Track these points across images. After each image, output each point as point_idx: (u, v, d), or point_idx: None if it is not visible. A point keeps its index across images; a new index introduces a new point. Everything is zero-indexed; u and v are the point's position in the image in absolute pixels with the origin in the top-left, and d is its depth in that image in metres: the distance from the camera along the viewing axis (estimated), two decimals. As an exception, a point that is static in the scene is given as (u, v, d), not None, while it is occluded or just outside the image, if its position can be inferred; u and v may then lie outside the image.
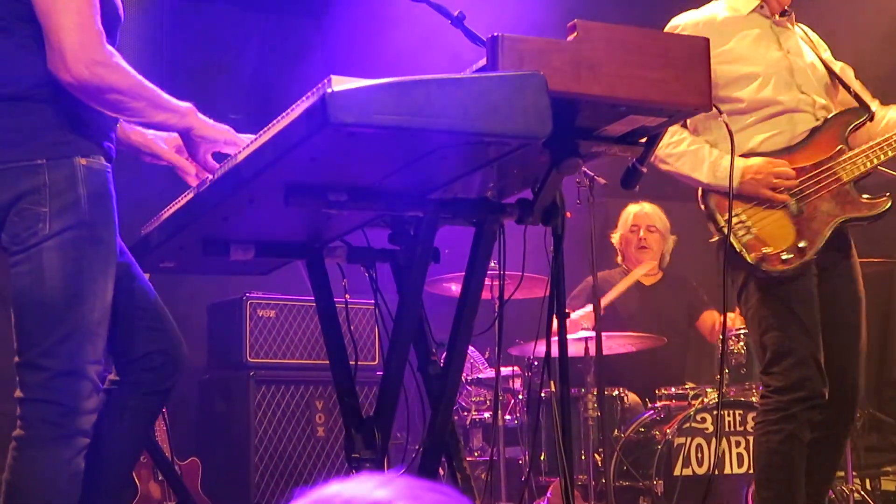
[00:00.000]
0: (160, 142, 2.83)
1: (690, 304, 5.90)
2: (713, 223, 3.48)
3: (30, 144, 2.37)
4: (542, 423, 5.19)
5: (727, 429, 4.71)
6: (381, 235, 2.65)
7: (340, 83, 1.81)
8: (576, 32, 2.03)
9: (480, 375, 5.78)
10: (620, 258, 6.12)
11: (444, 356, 2.57)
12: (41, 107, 2.39)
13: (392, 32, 6.56)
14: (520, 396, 5.52)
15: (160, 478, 5.07)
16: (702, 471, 4.69)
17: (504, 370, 5.65)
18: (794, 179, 3.38)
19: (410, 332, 2.54)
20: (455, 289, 5.33)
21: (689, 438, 4.69)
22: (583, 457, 5.01)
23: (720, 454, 4.66)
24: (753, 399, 4.71)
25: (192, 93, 2.65)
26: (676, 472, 4.69)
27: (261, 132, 2.14)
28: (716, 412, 4.68)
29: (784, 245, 3.34)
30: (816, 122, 3.50)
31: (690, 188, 3.64)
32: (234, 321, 5.54)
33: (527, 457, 5.28)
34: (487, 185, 2.36)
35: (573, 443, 5.08)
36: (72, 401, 2.37)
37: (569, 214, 2.49)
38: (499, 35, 1.98)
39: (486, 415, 5.58)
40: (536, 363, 5.30)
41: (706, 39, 2.19)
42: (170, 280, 5.39)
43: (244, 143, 2.38)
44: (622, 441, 4.94)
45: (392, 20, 6.46)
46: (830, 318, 3.42)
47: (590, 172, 4.62)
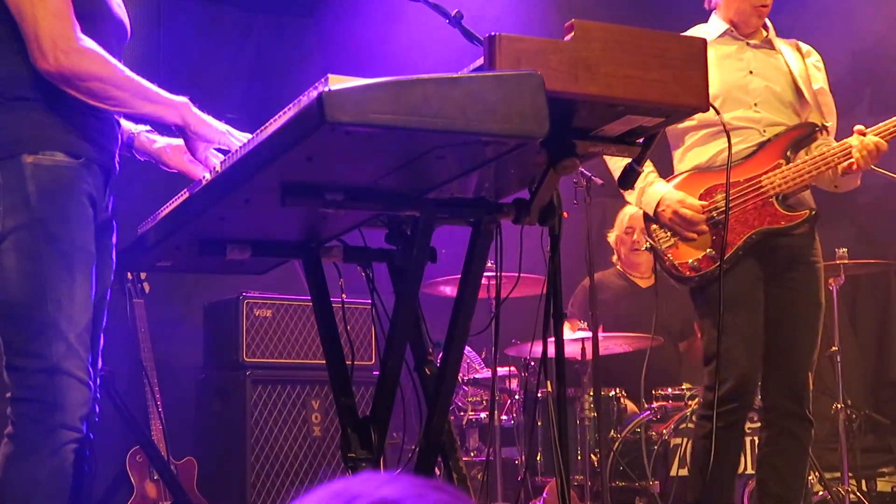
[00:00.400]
0: (168, 149, 2.84)
1: (684, 321, 5.88)
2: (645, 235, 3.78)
3: None
4: (539, 424, 5.20)
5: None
6: (378, 235, 2.64)
7: (337, 82, 1.81)
8: (573, 32, 2.03)
9: (477, 375, 5.78)
10: (616, 258, 6.12)
11: (441, 356, 2.56)
12: None
13: (389, 32, 6.57)
14: (516, 397, 5.52)
15: (156, 477, 5.07)
16: (698, 471, 4.68)
17: (500, 370, 5.66)
18: (697, 225, 3.59)
19: (407, 332, 2.54)
20: (449, 291, 5.34)
21: (686, 439, 4.69)
22: (579, 457, 5.01)
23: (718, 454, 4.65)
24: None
25: (189, 92, 2.65)
26: (672, 473, 4.69)
27: (257, 131, 2.14)
28: (712, 412, 4.67)
29: (698, 254, 3.59)
30: (763, 136, 3.66)
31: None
32: (231, 321, 5.54)
33: (523, 457, 5.28)
34: (484, 185, 2.35)
35: (569, 443, 5.11)
36: (49, 397, 2.38)
37: (566, 214, 2.49)
38: (496, 35, 1.97)
39: (483, 415, 5.58)
40: (533, 363, 5.30)
41: (703, 40, 2.18)
42: (166, 279, 5.42)
43: (241, 143, 2.38)
44: (618, 441, 4.94)
45: (389, 19, 6.47)
46: (780, 321, 3.60)
47: (587, 172, 4.63)
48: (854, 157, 3.54)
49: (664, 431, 4.71)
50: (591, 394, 4.95)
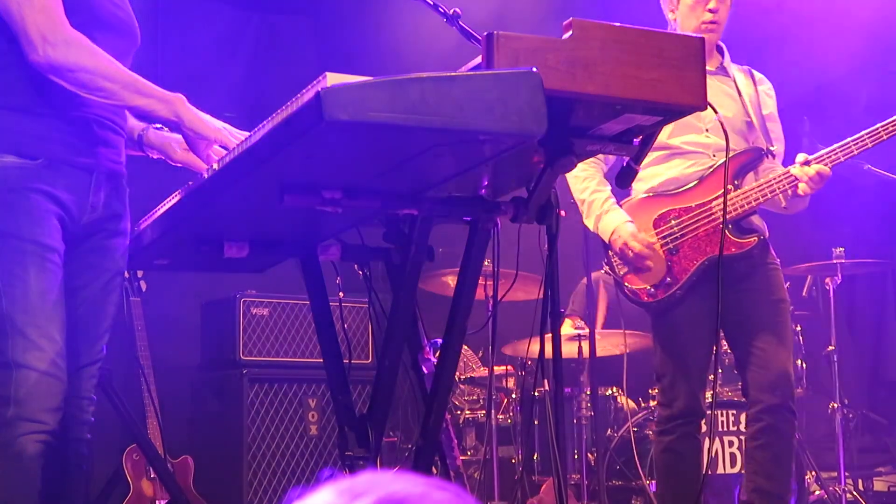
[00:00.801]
0: (174, 143, 2.85)
1: None
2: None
3: None
4: (536, 422, 5.20)
5: (720, 429, 4.71)
6: (376, 233, 2.64)
7: (335, 80, 1.81)
8: (571, 31, 2.03)
9: (474, 374, 5.78)
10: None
11: (438, 355, 2.56)
12: None
13: (387, 30, 6.56)
14: (513, 396, 5.52)
15: (153, 475, 5.07)
16: (695, 470, 4.68)
17: (497, 369, 5.66)
18: (646, 260, 3.70)
19: (404, 331, 2.54)
20: (451, 283, 5.33)
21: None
22: (576, 456, 5.02)
23: (713, 454, 4.66)
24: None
25: (187, 91, 2.64)
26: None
27: (256, 129, 2.13)
28: (709, 412, 4.68)
29: (654, 280, 3.73)
30: (713, 160, 3.77)
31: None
32: (228, 319, 5.53)
33: (520, 456, 5.28)
34: (482, 184, 2.35)
35: (566, 442, 5.11)
36: (6, 390, 2.40)
37: (563, 213, 2.49)
38: (494, 33, 1.97)
39: (480, 414, 5.58)
40: (530, 362, 5.30)
41: (701, 39, 2.18)
42: (163, 277, 5.41)
43: (239, 140, 2.38)
44: (615, 440, 4.94)
45: (387, 18, 6.46)
46: (746, 326, 3.72)
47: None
48: (801, 186, 3.69)
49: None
50: (588, 393, 4.95)
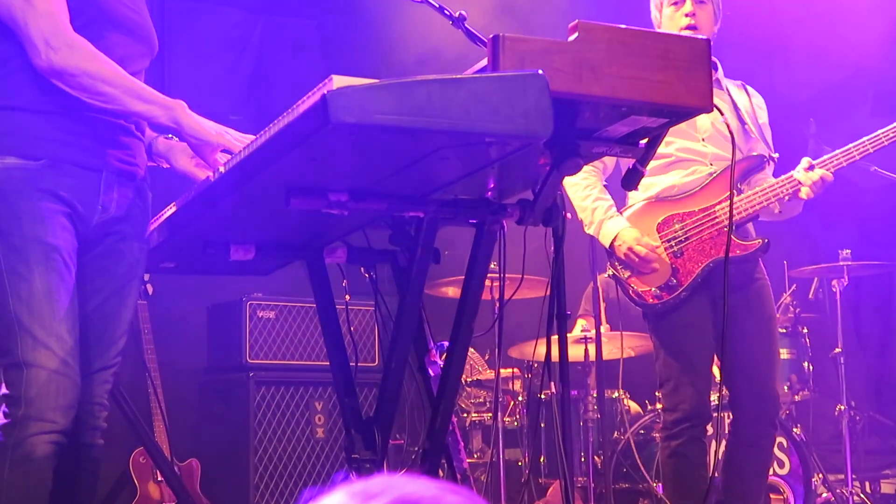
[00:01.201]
0: (176, 150, 2.85)
1: None
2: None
3: None
4: (542, 425, 5.19)
5: (727, 431, 4.70)
6: (382, 236, 2.64)
7: (342, 83, 1.81)
8: (577, 33, 2.02)
9: (480, 377, 5.78)
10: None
11: (444, 357, 2.56)
12: None
13: (393, 33, 6.56)
14: (520, 398, 5.52)
15: (159, 478, 5.07)
16: (701, 473, 4.67)
17: (504, 372, 5.65)
18: (651, 263, 3.75)
19: (410, 333, 2.54)
20: (452, 292, 5.34)
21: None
22: (582, 459, 5.01)
23: (720, 457, 4.65)
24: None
25: (192, 93, 2.65)
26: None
27: (262, 132, 2.14)
28: (716, 415, 4.67)
29: (659, 282, 3.76)
30: (710, 168, 3.83)
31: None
32: (234, 322, 5.54)
33: (527, 458, 5.28)
34: (488, 186, 2.35)
35: (573, 445, 5.10)
36: (17, 390, 2.40)
37: (569, 216, 2.49)
38: (500, 35, 1.97)
39: (486, 416, 5.58)
40: (536, 365, 5.30)
41: (707, 41, 2.18)
42: (170, 280, 5.42)
43: (243, 144, 2.38)
44: (622, 443, 4.94)
45: (393, 20, 6.46)
46: (739, 338, 3.74)
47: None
48: (803, 190, 3.75)
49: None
50: (595, 395, 4.94)
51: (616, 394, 5.26)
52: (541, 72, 1.92)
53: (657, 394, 5.17)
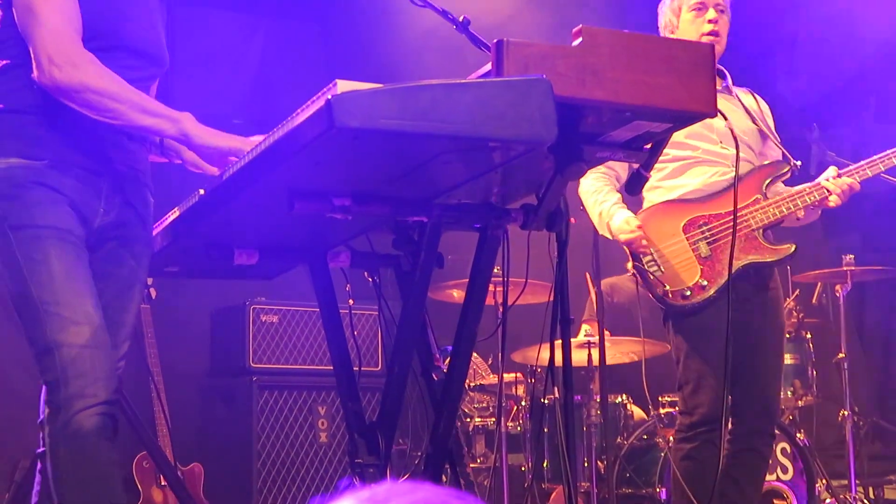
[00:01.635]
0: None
1: None
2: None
3: None
4: (546, 430, 5.19)
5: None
6: (386, 240, 2.64)
7: (346, 87, 1.81)
8: (581, 38, 2.03)
9: (483, 381, 5.77)
10: (631, 264, 6.09)
11: (448, 362, 2.56)
12: None
13: (396, 37, 6.57)
14: (523, 403, 5.51)
15: (163, 483, 5.07)
16: (705, 478, 4.66)
17: (507, 376, 5.65)
18: (638, 238, 3.78)
19: (414, 338, 2.53)
20: (457, 295, 5.34)
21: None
22: (585, 464, 5.00)
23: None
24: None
25: (195, 98, 2.65)
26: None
27: (265, 136, 2.14)
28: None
29: (688, 282, 3.75)
30: (732, 172, 3.78)
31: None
32: (237, 326, 5.54)
33: (530, 463, 5.27)
34: (492, 190, 2.35)
35: (576, 450, 5.10)
36: (54, 374, 2.42)
37: (573, 220, 2.49)
38: (504, 40, 1.97)
39: (489, 421, 5.57)
40: (539, 370, 5.29)
41: (711, 46, 2.19)
42: (173, 284, 5.43)
43: (251, 147, 2.38)
44: (625, 448, 4.93)
45: (397, 25, 6.47)
46: (750, 345, 3.74)
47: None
48: (832, 198, 3.79)
49: (671, 438, 4.69)
50: (598, 400, 4.94)
51: (619, 399, 5.25)
52: (544, 77, 1.92)
53: (659, 398, 5.18)
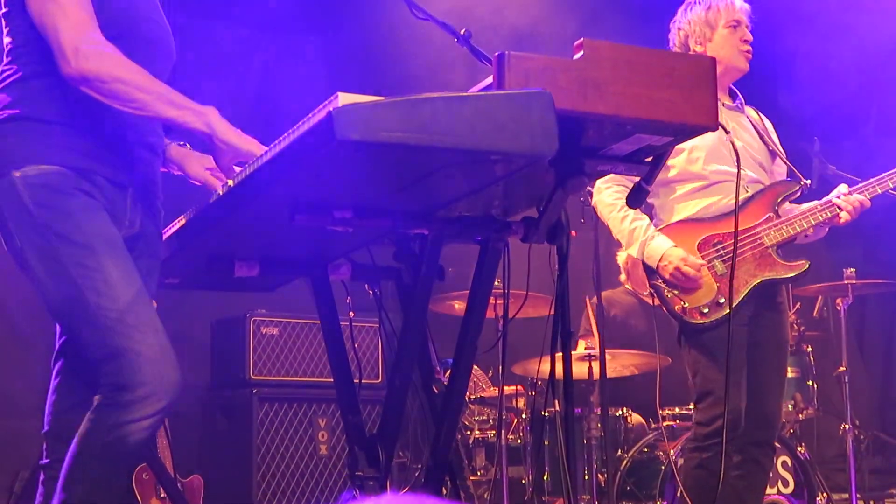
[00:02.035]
0: (192, 157, 2.86)
1: None
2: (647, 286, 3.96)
3: None
4: (546, 443, 5.18)
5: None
6: (386, 253, 2.64)
7: (347, 100, 1.81)
8: (582, 51, 2.03)
9: (484, 394, 5.77)
10: (625, 277, 6.10)
11: (449, 374, 2.56)
12: None
13: (398, 50, 6.58)
14: (523, 416, 5.51)
15: (162, 494, 5.06)
16: (706, 491, 4.65)
17: (508, 389, 5.65)
18: (697, 281, 3.79)
19: (414, 351, 2.53)
20: (459, 307, 5.34)
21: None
22: (586, 477, 5.00)
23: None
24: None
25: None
26: (680, 493, 4.66)
27: (267, 149, 2.14)
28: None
29: (706, 300, 3.79)
30: (746, 193, 3.89)
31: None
32: (238, 338, 5.54)
33: (530, 476, 5.26)
34: (493, 203, 2.35)
35: (577, 462, 5.09)
36: (120, 379, 2.39)
37: (574, 233, 2.49)
38: (505, 53, 1.97)
39: (490, 434, 5.56)
40: (540, 382, 5.28)
41: (713, 59, 2.19)
42: (174, 296, 5.41)
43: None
44: (626, 461, 4.93)
45: (398, 38, 6.48)
46: (756, 360, 3.79)
47: (595, 191, 4.62)
48: (843, 215, 3.87)
49: (671, 451, 4.69)
50: (599, 413, 4.93)
51: (619, 411, 5.25)
52: (546, 90, 1.92)
53: (660, 411, 5.17)
